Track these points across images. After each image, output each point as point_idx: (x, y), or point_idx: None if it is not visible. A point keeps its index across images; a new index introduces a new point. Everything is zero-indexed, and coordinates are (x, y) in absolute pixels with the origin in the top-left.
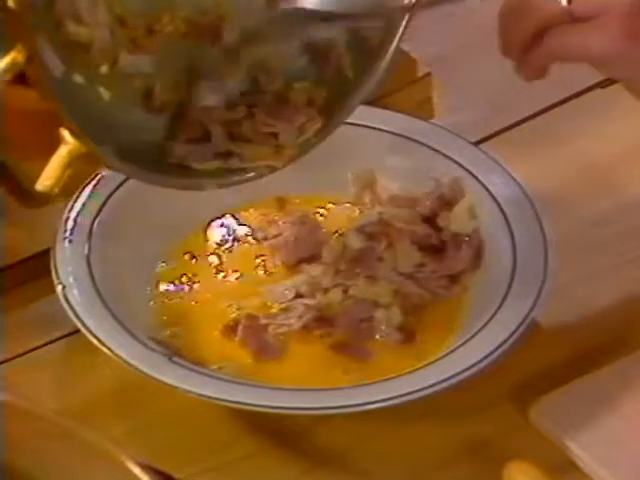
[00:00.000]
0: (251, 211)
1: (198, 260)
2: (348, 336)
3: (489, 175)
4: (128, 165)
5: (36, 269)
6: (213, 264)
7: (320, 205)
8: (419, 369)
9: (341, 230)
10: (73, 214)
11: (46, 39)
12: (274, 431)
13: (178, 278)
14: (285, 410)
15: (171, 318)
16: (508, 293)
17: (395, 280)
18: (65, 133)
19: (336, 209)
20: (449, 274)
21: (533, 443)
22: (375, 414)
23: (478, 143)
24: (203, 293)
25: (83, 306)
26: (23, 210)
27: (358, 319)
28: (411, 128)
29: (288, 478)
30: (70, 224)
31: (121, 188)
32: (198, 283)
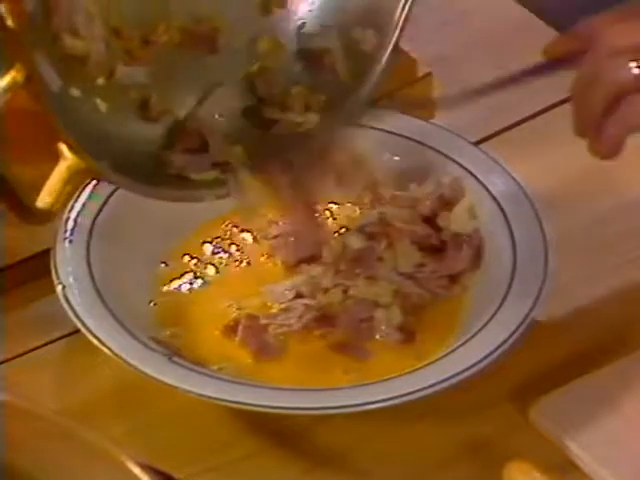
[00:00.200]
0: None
1: (198, 260)
2: (348, 336)
3: (489, 175)
4: (126, 178)
5: (36, 269)
6: (213, 264)
7: (320, 205)
8: (419, 369)
9: (341, 230)
10: (73, 214)
11: (43, 54)
12: (274, 431)
13: (178, 278)
14: (285, 410)
15: (171, 318)
16: (508, 293)
17: (395, 280)
18: (64, 148)
19: (336, 209)
20: (449, 274)
21: (533, 443)
22: (375, 414)
23: (478, 143)
24: (203, 293)
25: (83, 306)
26: None
27: (358, 319)
28: (411, 128)
29: (288, 478)
30: (70, 224)
31: (121, 189)
32: (198, 283)
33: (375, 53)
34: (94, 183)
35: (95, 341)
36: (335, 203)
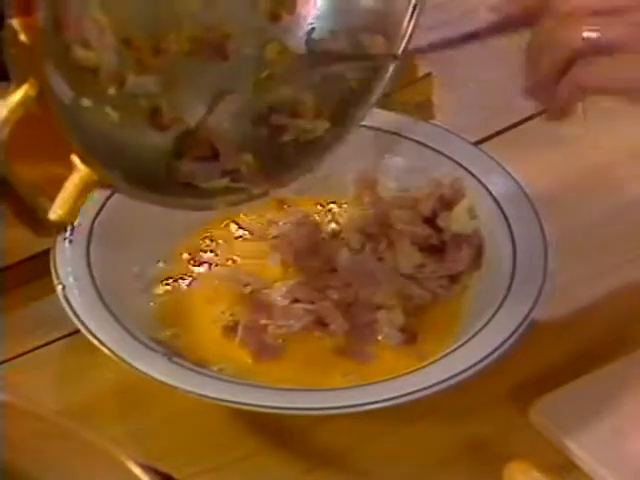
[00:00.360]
0: (251, 212)
1: (198, 260)
2: (349, 338)
3: (489, 175)
4: (138, 188)
5: (36, 269)
6: (213, 264)
7: (320, 205)
8: (419, 369)
9: (341, 231)
10: None
11: (54, 66)
12: (274, 431)
13: (178, 278)
14: (285, 410)
15: (171, 318)
16: (508, 293)
17: (396, 281)
18: (76, 160)
19: (336, 209)
20: (449, 274)
21: (533, 443)
22: (375, 414)
23: (478, 143)
24: (203, 293)
25: (83, 306)
26: None
27: (359, 321)
28: (411, 128)
29: (288, 478)
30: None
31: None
32: (198, 283)
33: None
34: None
35: (95, 341)
36: (335, 203)
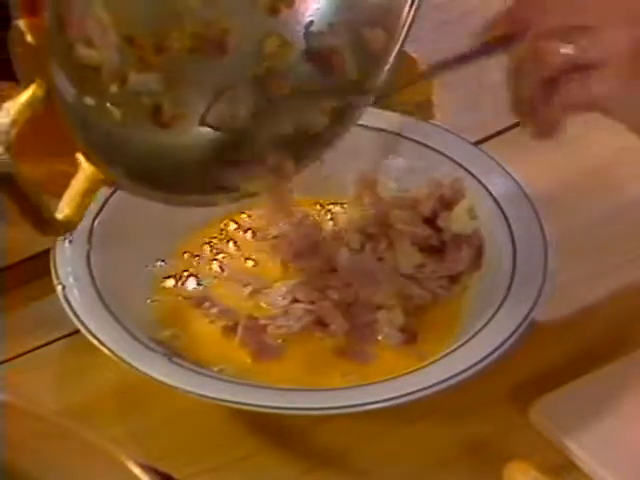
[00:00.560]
0: (251, 211)
1: (198, 260)
2: (349, 338)
3: (489, 175)
4: (142, 186)
5: (36, 269)
6: (213, 263)
7: (320, 205)
8: (419, 369)
9: (341, 230)
10: None
11: (58, 65)
12: (274, 431)
13: (178, 278)
14: (285, 410)
15: (171, 318)
16: (508, 293)
17: (396, 281)
18: (82, 159)
19: (336, 209)
20: (449, 274)
21: (533, 443)
22: (375, 414)
23: (478, 143)
24: (203, 293)
25: (83, 306)
26: None
27: (359, 321)
28: (411, 128)
29: (288, 478)
30: None
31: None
32: (198, 283)
33: (383, 52)
34: None
35: (95, 341)
36: (335, 203)
